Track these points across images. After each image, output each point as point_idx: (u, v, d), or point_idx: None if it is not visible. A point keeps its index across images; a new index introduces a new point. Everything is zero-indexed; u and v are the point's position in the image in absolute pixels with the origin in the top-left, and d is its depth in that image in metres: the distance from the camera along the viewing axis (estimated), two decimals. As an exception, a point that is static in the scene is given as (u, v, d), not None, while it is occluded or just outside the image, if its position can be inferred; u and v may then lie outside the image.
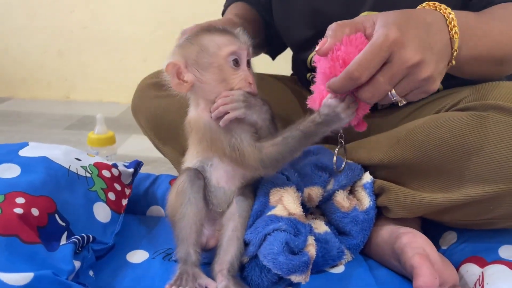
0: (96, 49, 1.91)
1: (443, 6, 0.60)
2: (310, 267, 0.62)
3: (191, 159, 0.67)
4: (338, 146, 0.67)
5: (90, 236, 0.66)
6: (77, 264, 0.60)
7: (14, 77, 1.97)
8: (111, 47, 1.90)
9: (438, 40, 0.57)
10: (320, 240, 0.68)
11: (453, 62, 0.59)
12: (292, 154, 0.62)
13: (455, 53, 0.59)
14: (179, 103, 0.83)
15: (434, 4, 0.60)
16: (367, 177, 0.76)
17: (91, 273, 0.64)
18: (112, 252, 0.71)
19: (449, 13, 0.58)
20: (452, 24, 0.58)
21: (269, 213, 0.65)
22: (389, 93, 0.55)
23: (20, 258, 0.56)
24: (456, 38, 0.58)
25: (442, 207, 0.67)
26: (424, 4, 0.62)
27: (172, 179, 0.90)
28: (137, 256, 0.71)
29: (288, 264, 0.59)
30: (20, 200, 0.62)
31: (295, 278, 0.59)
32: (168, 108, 0.84)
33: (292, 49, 0.95)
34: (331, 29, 0.57)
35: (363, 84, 0.54)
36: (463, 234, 0.74)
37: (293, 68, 1.01)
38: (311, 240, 0.65)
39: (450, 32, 0.58)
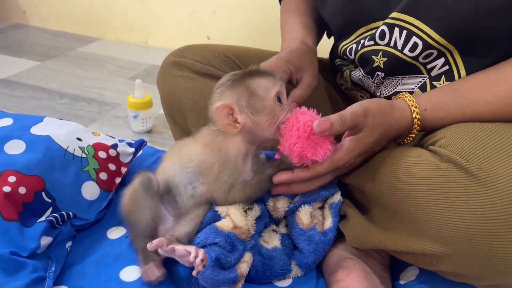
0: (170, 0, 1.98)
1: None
2: (240, 283, 0.66)
3: (187, 156, 0.70)
4: None
5: (70, 213, 0.77)
6: (47, 240, 0.71)
7: (103, 19, 2.14)
8: (185, -2, 1.95)
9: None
10: (264, 256, 0.71)
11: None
12: (263, 192, 0.71)
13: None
14: (192, 87, 0.88)
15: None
16: (336, 197, 0.74)
17: (68, 244, 0.76)
18: (96, 226, 0.82)
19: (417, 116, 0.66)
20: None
21: (217, 223, 0.69)
22: None
23: (-4, 233, 0.67)
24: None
25: (390, 250, 0.65)
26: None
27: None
28: (115, 232, 0.81)
29: (212, 278, 0.64)
30: (11, 178, 0.73)
31: None
32: (182, 89, 0.89)
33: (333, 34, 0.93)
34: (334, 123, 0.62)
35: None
36: (425, 273, 0.71)
37: (330, 53, 0.99)
38: (247, 257, 0.68)
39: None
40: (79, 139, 0.86)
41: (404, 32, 0.71)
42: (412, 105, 0.67)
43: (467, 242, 0.56)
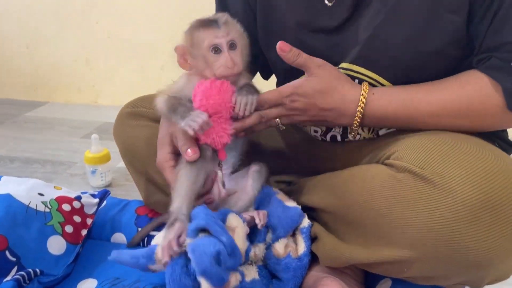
0: (119, 57, 2.01)
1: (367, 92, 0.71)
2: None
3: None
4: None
5: (37, 270, 0.74)
6: (16, 299, 0.68)
7: (50, 83, 2.14)
8: (133, 55, 1.99)
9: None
10: (244, 288, 0.71)
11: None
12: None
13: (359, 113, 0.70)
14: (151, 134, 0.88)
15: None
16: (305, 222, 0.77)
17: (38, 302, 0.73)
18: (66, 281, 0.79)
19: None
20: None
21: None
22: None
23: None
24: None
25: (362, 262, 0.68)
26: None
27: (139, 207, 0.97)
28: (86, 286, 0.79)
29: (208, 266, 0.61)
30: (-26, 239, 0.71)
31: (204, 284, 0.62)
32: (142, 138, 0.90)
33: (276, 76, 0.95)
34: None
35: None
36: (398, 283, 0.74)
37: None
38: (237, 275, 0.68)
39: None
40: (41, 194, 0.84)
41: (356, 80, 0.75)
42: (364, 87, 0.71)
43: (432, 243, 0.59)
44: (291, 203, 0.78)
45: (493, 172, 0.58)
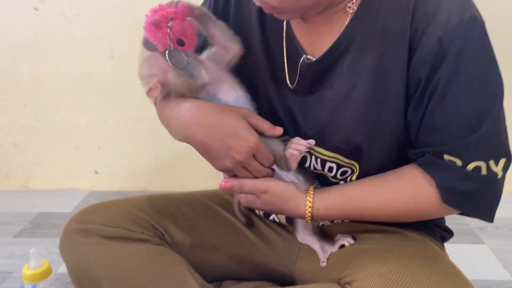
0: (51, 140, 1.91)
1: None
2: None
3: None
4: None
5: None
6: None
7: (-27, 170, 1.98)
8: (66, 137, 1.90)
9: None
10: None
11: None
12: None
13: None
14: (103, 253, 0.83)
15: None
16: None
17: None
18: None
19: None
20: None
21: None
22: None
23: None
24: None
25: None
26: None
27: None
28: None
29: None
30: None
31: None
32: (92, 257, 0.84)
33: None
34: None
35: None
36: None
37: None
38: None
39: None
40: None
41: (319, 160, 0.80)
42: (309, 204, 0.76)
43: None
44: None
45: None
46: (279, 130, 0.76)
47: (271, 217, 0.93)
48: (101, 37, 1.76)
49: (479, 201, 0.70)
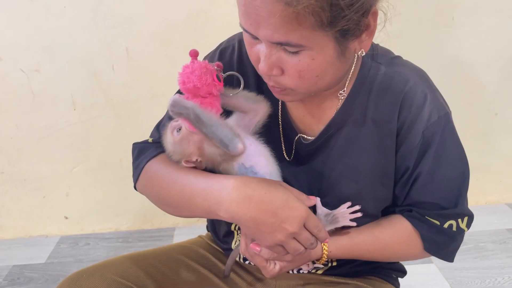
0: (17, 191, 1.94)
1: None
2: None
3: None
4: None
5: None
6: None
7: None
8: (32, 187, 1.93)
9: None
10: None
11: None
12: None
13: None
14: None
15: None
16: None
17: None
18: None
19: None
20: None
21: None
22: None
23: None
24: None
25: None
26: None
27: None
28: None
29: None
30: None
31: None
32: None
33: None
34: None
35: None
36: None
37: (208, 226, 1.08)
38: None
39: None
40: None
41: None
42: (325, 250, 0.84)
43: None
44: None
45: None
46: (313, 200, 0.82)
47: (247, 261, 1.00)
48: (62, 90, 1.80)
49: (448, 249, 0.87)
